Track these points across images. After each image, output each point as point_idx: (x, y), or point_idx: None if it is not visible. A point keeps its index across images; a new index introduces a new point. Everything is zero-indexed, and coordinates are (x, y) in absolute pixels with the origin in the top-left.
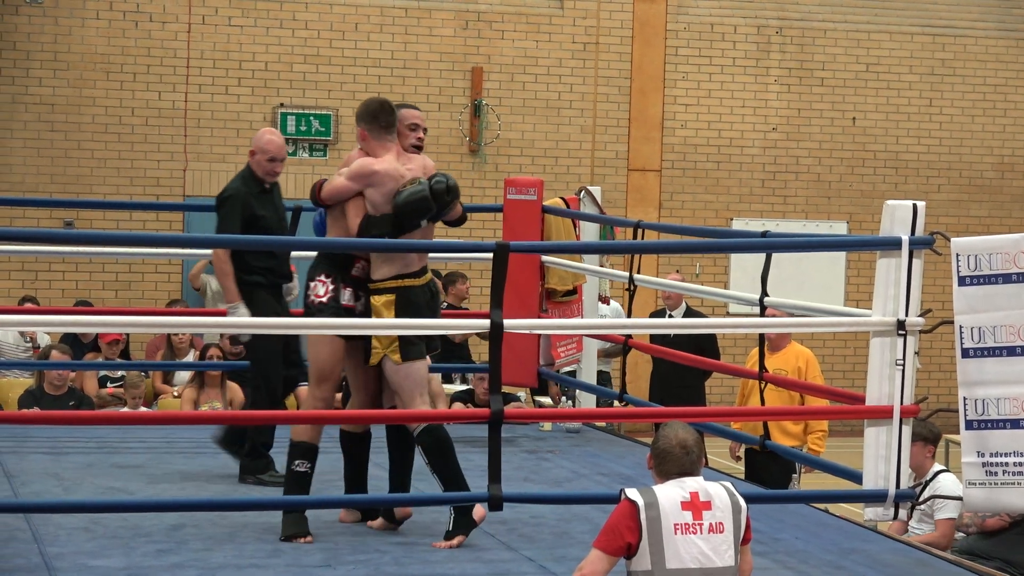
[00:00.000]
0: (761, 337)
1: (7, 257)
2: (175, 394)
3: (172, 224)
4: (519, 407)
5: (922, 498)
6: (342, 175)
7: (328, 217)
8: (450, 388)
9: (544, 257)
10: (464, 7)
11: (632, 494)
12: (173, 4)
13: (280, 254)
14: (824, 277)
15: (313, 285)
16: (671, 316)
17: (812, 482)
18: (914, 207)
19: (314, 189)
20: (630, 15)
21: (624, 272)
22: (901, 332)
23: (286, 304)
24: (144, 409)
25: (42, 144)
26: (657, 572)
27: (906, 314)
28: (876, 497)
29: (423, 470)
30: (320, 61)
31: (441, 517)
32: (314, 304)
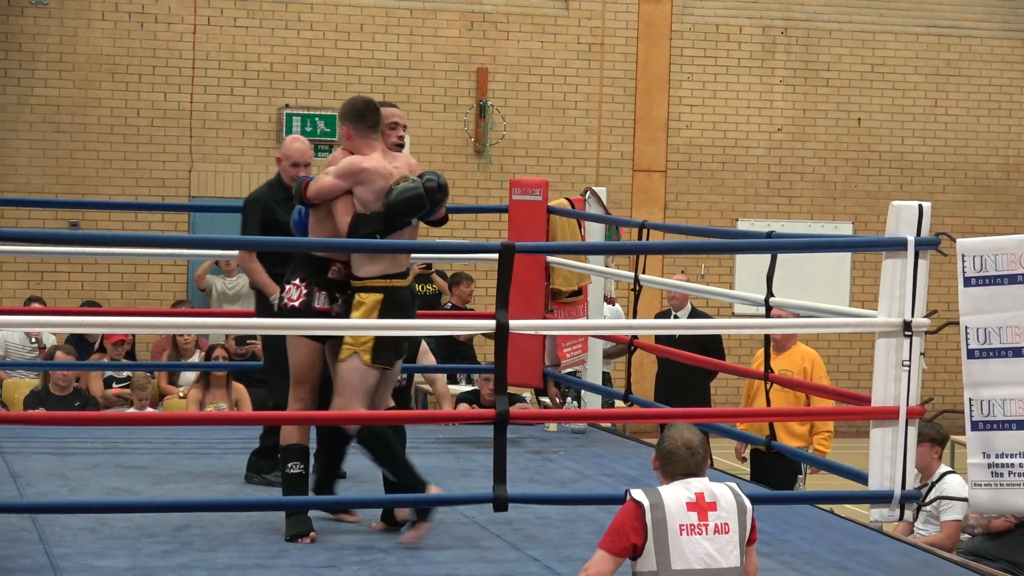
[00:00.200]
0: (767, 338)
1: (13, 258)
2: (180, 395)
3: (177, 225)
4: (524, 408)
5: (928, 499)
6: (329, 174)
7: (312, 218)
8: (455, 389)
9: (549, 258)
10: (469, 8)
11: (637, 495)
12: (178, 5)
13: None
14: (829, 278)
15: (288, 289)
16: (676, 317)
17: (818, 483)
18: (919, 208)
19: (300, 188)
20: (635, 16)
21: (629, 273)
22: (907, 333)
23: None
24: (150, 410)
25: (48, 145)
26: (662, 573)
27: (912, 315)
28: (882, 498)
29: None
30: (325, 62)
31: (447, 518)
32: (286, 308)
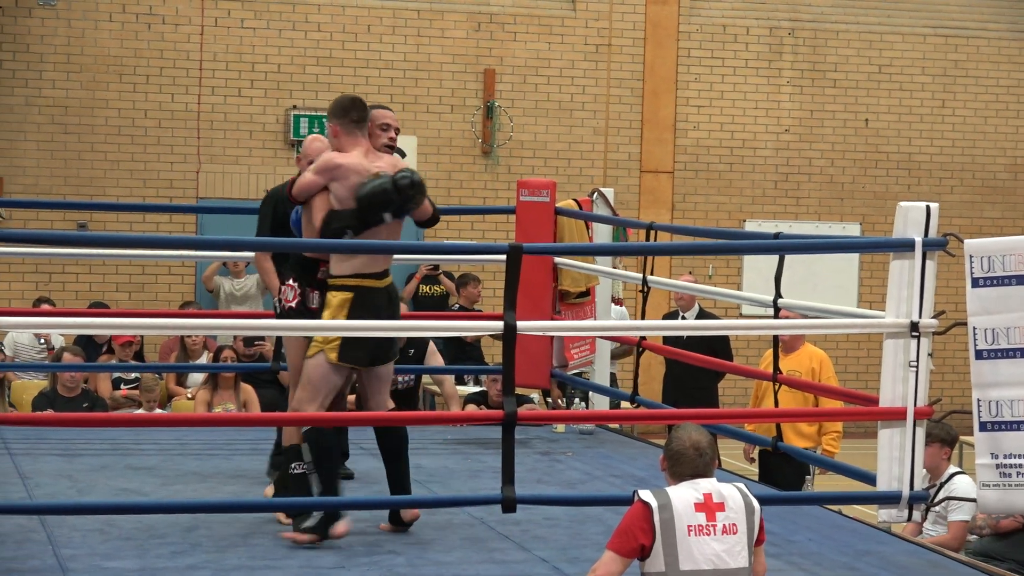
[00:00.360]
0: (775, 339)
1: (21, 259)
2: (189, 396)
3: (185, 226)
4: (532, 409)
5: (936, 500)
6: (310, 170)
7: (303, 216)
8: (463, 390)
9: (557, 259)
10: (476, 9)
11: (645, 496)
12: (186, 6)
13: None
14: (837, 278)
15: (284, 289)
16: (684, 318)
17: (826, 483)
18: (927, 208)
19: (288, 186)
20: (642, 17)
21: (637, 274)
22: (915, 334)
23: None
24: (158, 411)
25: (55, 146)
26: (671, 573)
27: (920, 316)
28: (890, 499)
29: (436, 472)
30: (333, 63)
31: (455, 519)
32: (284, 309)
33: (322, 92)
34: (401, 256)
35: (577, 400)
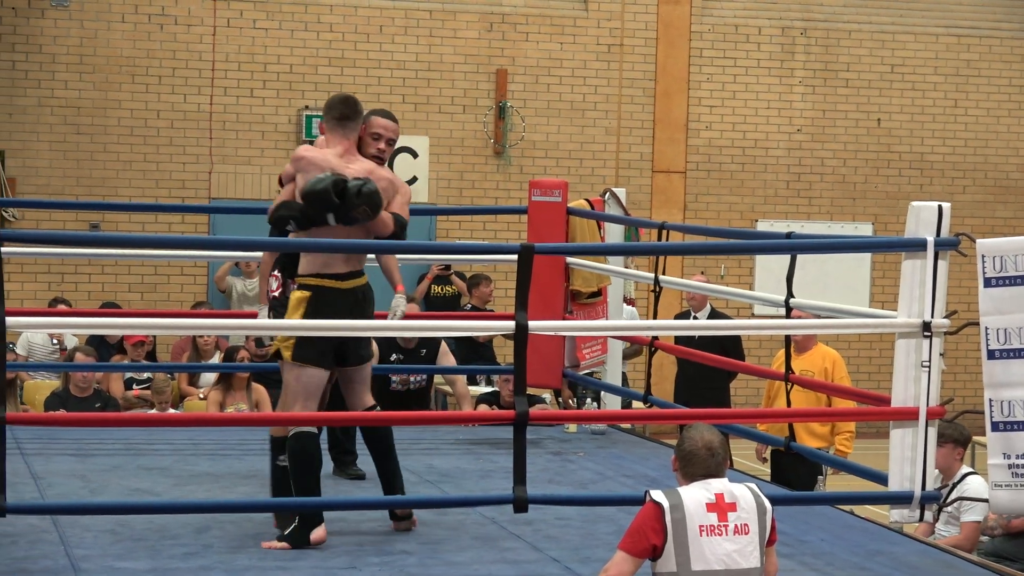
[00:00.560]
0: (787, 339)
1: (33, 259)
2: (201, 396)
3: (197, 226)
4: (544, 409)
5: (949, 500)
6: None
7: None
8: (475, 390)
9: (569, 259)
10: (488, 9)
11: (657, 496)
12: (198, 7)
13: None
14: (849, 278)
15: (270, 279)
16: (695, 317)
17: (838, 484)
18: (939, 208)
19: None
20: (654, 17)
21: (649, 274)
22: (927, 333)
23: None
24: (171, 411)
25: (68, 147)
26: (682, 574)
27: (932, 315)
28: (902, 499)
29: (448, 472)
30: (345, 64)
31: (467, 519)
32: (269, 299)
33: (334, 92)
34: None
35: (589, 400)
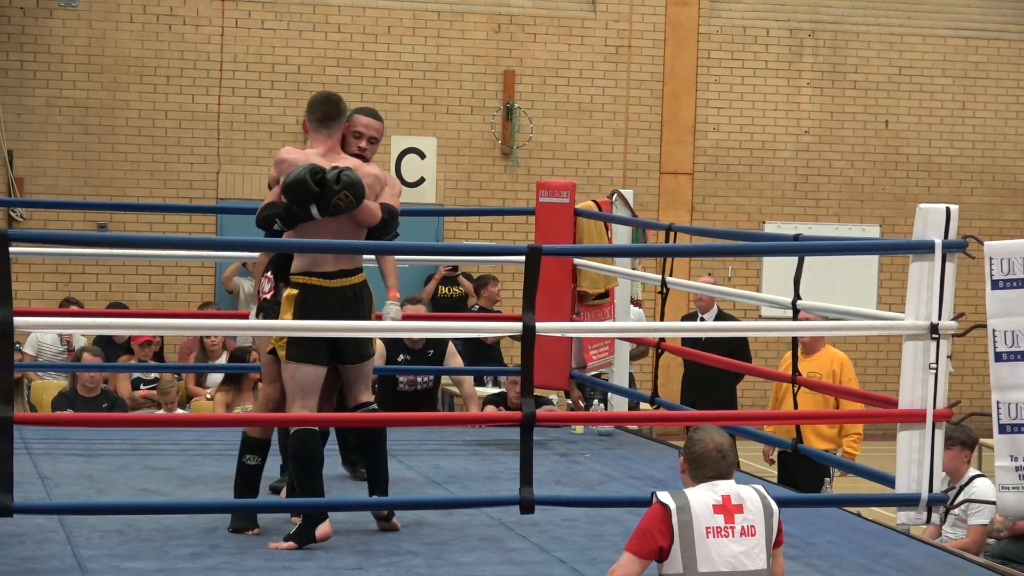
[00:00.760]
0: (794, 340)
1: (41, 259)
2: (208, 396)
3: (205, 227)
4: (551, 410)
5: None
6: None
7: None
8: (482, 391)
9: (576, 260)
10: (496, 10)
11: (664, 497)
12: (206, 7)
13: None
14: (857, 280)
15: (262, 280)
16: (703, 319)
17: (845, 486)
18: (947, 210)
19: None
20: (662, 18)
21: (656, 275)
22: (934, 336)
23: None
24: (178, 411)
25: (76, 147)
26: (689, 575)
27: (939, 318)
28: (909, 501)
29: (455, 473)
30: (353, 64)
31: (474, 519)
32: (260, 300)
33: (342, 93)
34: (420, 257)
35: (596, 401)
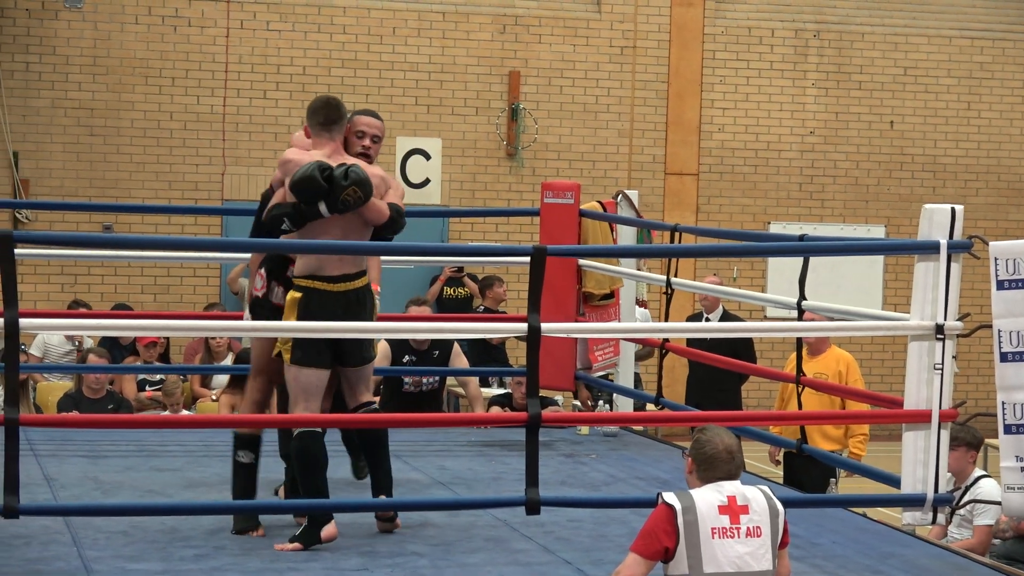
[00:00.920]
0: (799, 341)
1: (47, 261)
2: (213, 397)
3: (210, 228)
4: (556, 411)
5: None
6: None
7: None
8: (488, 392)
9: (581, 261)
10: (502, 11)
11: (669, 498)
12: (212, 9)
13: None
14: (862, 281)
15: (255, 278)
16: (708, 319)
17: (851, 486)
18: (952, 211)
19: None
20: (667, 19)
21: (661, 276)
22: (939, 336)
23: None
24: (184, 412)
25: (81, 148)
26: None
27: (944, 318)
28: (914, 501)
29: (460, 473)
30: (358, 65)
31: (479, 520)
32: (251, 298)
33: (347, 94)
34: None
35: (601, 402)
